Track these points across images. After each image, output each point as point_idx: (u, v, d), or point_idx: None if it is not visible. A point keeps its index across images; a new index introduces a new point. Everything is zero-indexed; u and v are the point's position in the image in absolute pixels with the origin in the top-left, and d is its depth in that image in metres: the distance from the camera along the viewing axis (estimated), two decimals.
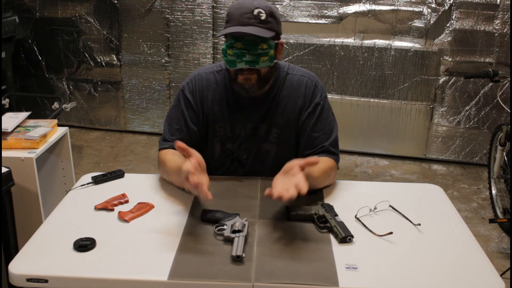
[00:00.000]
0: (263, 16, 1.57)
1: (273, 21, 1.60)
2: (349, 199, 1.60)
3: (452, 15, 3.72)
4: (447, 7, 3.72)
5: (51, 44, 4.43)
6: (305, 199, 1.58)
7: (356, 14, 3.86)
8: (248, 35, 1.55)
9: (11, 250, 1.96)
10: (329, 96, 4.18)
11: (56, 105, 3.46)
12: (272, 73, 1.69)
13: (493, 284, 1.22)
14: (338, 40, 3.93)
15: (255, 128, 1.75)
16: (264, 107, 1.73)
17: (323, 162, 1.66)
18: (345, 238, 1.36)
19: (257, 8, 1.57)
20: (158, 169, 1.75)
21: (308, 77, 1.77)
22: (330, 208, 1.49)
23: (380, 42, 3.87)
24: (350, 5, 3.86)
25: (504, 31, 3.65)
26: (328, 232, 1.41)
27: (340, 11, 3.88)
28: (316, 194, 1.63)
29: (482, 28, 3.70)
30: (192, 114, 1.74)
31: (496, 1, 3.62)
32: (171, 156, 1.67)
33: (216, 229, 1.39)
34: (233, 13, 1.59)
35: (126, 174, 1.76)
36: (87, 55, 4.42)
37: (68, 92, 4.54)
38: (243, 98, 1.72)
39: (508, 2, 3.60)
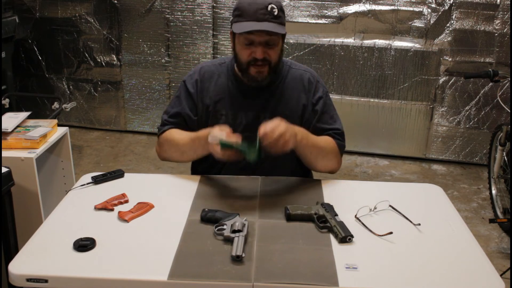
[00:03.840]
0: (276, 12, 1.63)
1: (283, 15, 1.67)
2: (349, 199, 1.60)
3: (452, 15, 3.72)
4: (447, 7, 3.72)
5: (51, 44, 4.43)
6: (305, 199, 1.58)
7: (356, 14, 3.86)
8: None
9: (11, 250, 1.96)
10: None
11: (56, 105, 3.46)
12: (279, 63, 1.76)
13: (493, 284, 1.22)
14: (338, 40, 3.93)
15: (256, 117, 1.78)
16: (265, 96, 1.79)
17: (324, 138, 1.76)
18: (345, 238, 1.36)
19: (270, 3, 1.62)
20: (161, 149, 1.82)
21: (310, 72, 1.85)
22: (330, 208, 1.49)
23: (380, 42, 3.87)
24: (350, 5, 3.86)
25: (504, 31, 3.65)
26: (328, 232, 1.41)
27: (340, 11, 3.88)
28: (316, 194, 1.64)
29: (482, 28, 3.69)
30: (190, 103, 1.81)
31: (496, 1, 3.62)
32: (178, 132, 1.78)
33: (216, 229, 1.39)
34: (247, 8, 1.63)
35: (126, 174, 1.76)
36: (87, 55, 4.42)
37: (68, 92, 4.54)
38: (245, 87, 1.78)
39: (508, 2, 3.60)
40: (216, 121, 1.79)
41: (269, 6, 1.61)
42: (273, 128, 1.51)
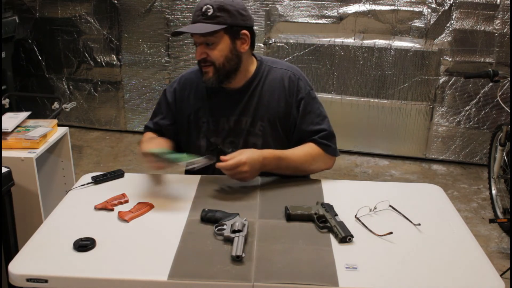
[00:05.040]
0: (210, 12, 1.62)
1: (223, 14, 1.63)
2: (349, 199, 1.60)
3: (452, 15, 3.72)
4: (447, 7, 3.72)
5: (51, 44, 4.43)
6: (305, 199, 1.58)
7: (356, 14, 3.86)
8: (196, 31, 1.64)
9: (11, 250, 1.96)
10: (329, 96, 4.14)
11: (56, 105, 3.46)
12: (233, 64, 1.71)
13: (493, 284, 1.22)
14: (338, 40, 3.93)
15: (238, 121, 1.77)
16: (244, 99, 1.77)
17: (305, 146, 1.75)
18: (345, 238, 1.36)
19: (206, 4, 1.63)
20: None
21: (291, 71, 1.80)
22: (330, 208, 1.49)
23: (380, 42, 3.87)
24: (350, 5, 3.86)
25: (504, 31, 3.65)
26: (328, 232, 1.41)
27: (340, 11, 3.88)
28: (316, 194, 1.64)
29: (482, 28, 3.69)
30: (167, 112, 1.86)
31: (496, 1, 3.62)
32: (148, 138, 1.83)
33: (216, 229, 1.39)
34: (193, 13, 1.70)
35: (126, 174, 1.76)
36: (87, 55, 4.42)
37: (68, 92, 4.54)
38: (223, 92, 1.77)
39: (508, 2, 3.60)
40: (198, 129, 1.80)
41: (204, 7, 1.63)
42: (233, 165, 1.57)
